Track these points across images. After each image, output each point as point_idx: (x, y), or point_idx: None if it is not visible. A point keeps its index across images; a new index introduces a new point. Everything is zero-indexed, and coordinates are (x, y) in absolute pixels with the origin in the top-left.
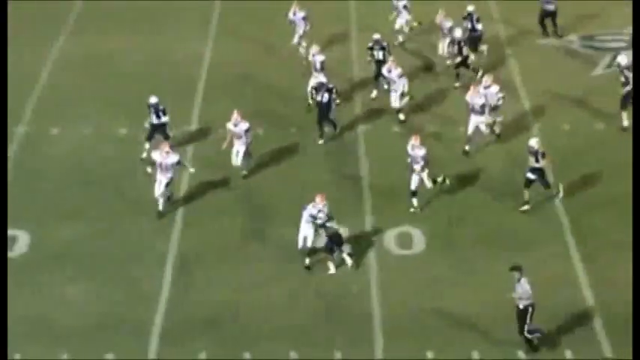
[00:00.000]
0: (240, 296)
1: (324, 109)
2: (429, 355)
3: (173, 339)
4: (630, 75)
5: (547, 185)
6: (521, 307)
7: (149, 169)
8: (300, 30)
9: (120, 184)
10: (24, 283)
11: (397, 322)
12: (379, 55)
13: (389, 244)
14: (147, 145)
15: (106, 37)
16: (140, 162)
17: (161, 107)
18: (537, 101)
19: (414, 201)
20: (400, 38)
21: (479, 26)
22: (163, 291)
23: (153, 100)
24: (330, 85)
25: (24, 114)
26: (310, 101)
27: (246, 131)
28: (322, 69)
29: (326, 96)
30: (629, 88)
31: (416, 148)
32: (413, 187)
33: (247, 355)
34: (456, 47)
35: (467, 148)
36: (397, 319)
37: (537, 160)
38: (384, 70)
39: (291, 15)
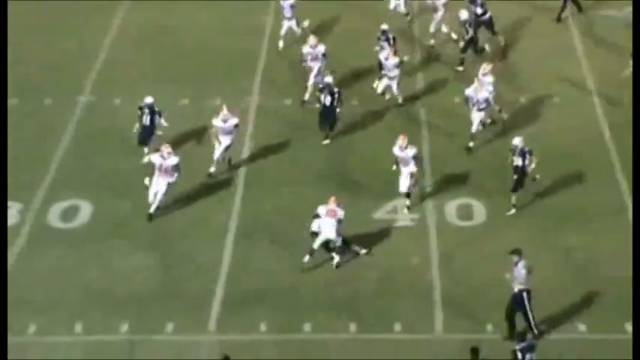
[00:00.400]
0: (299, 268)
1: (325, 111)
2: (489, 328)
3: (233, 310)
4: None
5: (521, 185)
6: (515, 290)
7: (146, 181)
8: (287, 13)
9: (181, 154)
10: (85, 253)
11: (457, 295)
12: (385, 45)
13: (450, 216)
14: (146, 151)
15: (167, 8)
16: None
17: (157, 109)
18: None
19: (407, 201)
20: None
21: (478, 10)
22: (223, 262)
23: (148, 100)
24: (335, 89)
25: (86, 84)
26: (317, 105)
27: (235, 126)
28: (324, 60)
29: (328, 98)
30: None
31: (405, 149)
32: (403, 188)
33: (307, 327)
34: (463, 30)
35: (471, 144)
36: (457, 292)
37: (524, 160)
38: (382, 57)
39: (281, 2)
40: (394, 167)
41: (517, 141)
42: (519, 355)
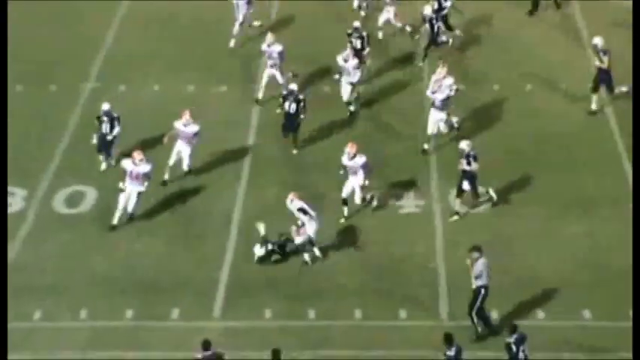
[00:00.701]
0: (304, 255)
1: (289, 119)
2: (494, 314)
3: (237, 296)
4: (605, 57)
5: (476, 193)
6: (473, 286)
7: (121, 185)
8: (243, 10)
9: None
10: (90, 239)
11: (462, 282)
12: (357, 43)
13: (454, 203)
14: (102, 160)
15: None
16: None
17: (115, 115)
18: None
19: (345, 210)
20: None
21: (447, 3)
22: (228, 249)
23: (106, 107)
24: (300, 96)
25: (92, 71)
26: (278, 109)
27: (195, 134)
28: (281, 59)
29: (293, 106)
30: (604, 66)
31: (353, 158)
32: (344, 194)
33: (311, 314)
34: (427, 25)
35: (426, 147)
36: (462, 279)
37: (469, 164)
38: (340, 59)
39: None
40: (341, 172)
41: (464, 145)
42: (513, 348)
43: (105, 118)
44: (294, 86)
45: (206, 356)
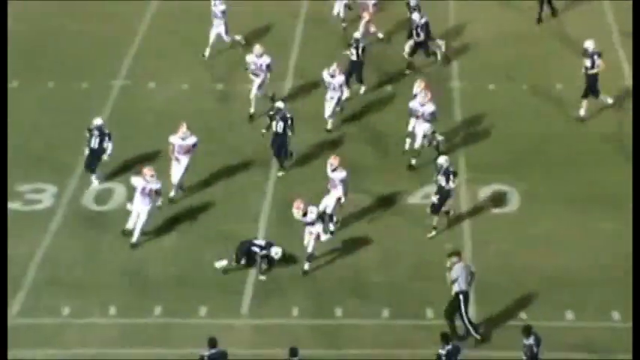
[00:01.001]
0: (333, 253)
1: (277, 139)
2: (523, 315)
3: (265, 294)
4: (599, 61)
5: (438, 211)
6: (452, 292)
7: (129, 206)
8: (221, 25)
9: (215, 138)
10: (119, 236)
11: (490, 282)
12: (353, 53)
13: (483, 203)
14: (93, 179)
15: None
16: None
17: (106, 131)
18: None
19: (330, 225)
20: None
21: (414, 15)
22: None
23: (98, 121)
24: (288, 115)
25: (122, 68)
26: (264, 130)
27: (194, 145)
28: (268, 71)
29: (281, 124)
30: (594, 71)
31: (334, 171)
32: (321, 207)
33: (339, 312)
34: (414, 32)
35: (413, 162)
36: (490, 279)
37: (448, 181)
38: (326, 74)
39: (212, 6)
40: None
41: (442, 160)
42: (535, 349)
43: (95, 132)
44: (281, 104)
45: (212, 354)
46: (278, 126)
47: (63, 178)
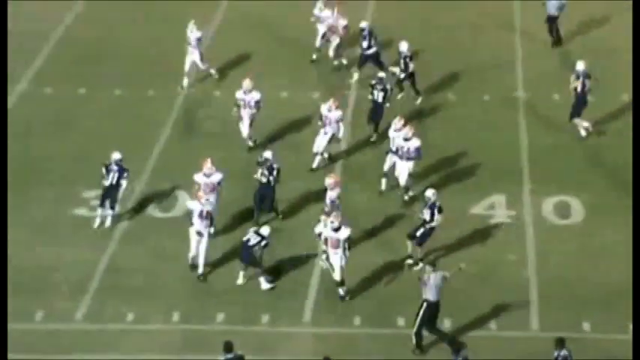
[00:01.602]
0: (393, 261)
1: (262, 189)
2: (585, 327)
3: (328, 303)
4: (588, 82)
5: (422, 244)
6: (424, 297)
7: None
8: (196, 52)
9: (276, 145)
10: (183, 242)
11: (553, 293)
12: (378, 96)
13: (547, 213)
14: (110, 212)
15: None
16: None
17: (125, 166)
18: None
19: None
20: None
21: (364, 43)
22: (318, 255)
23: (117, 156)
24: (275, 165)
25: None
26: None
27: (219, 183)
28: (257, 109)
29: (266, 174)
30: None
31: (331, 189)
32: (316, 229)
33: (401, 321)
34: (402, 62)
35: (406, 197)
36: (554, 290)
37: (433, 215)
38: (324, 109)
39: (188, 32)
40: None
41: (430, 193)
42: None
43: (114, 168)
44: (268, 154)
45: (228, 359)
46: (262, 176)
47: (127, 185)
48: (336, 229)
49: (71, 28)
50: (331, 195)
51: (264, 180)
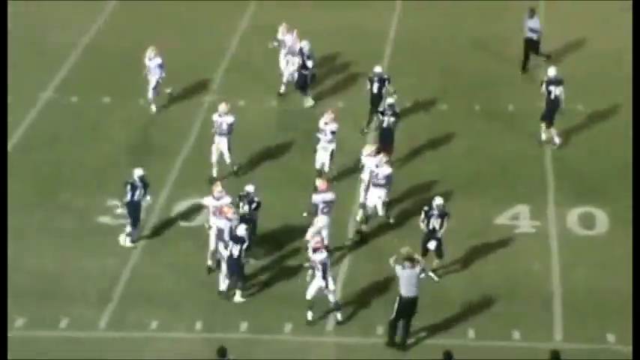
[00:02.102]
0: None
1: (242, 221)
2: (610, 338)
3: (351, 312)
4: (556, 89)
5: (441, 254)
6: (403, 295)
7: (208, 224)
8: (153, 79)
9: (295, 156)
10: (206, 251)
11: (578, 304)
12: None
13: (572, 224)
14: (127, 234)
15: (291, 10)
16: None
17: (147, 181)
18: None
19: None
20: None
21: (309, 63)
22: (343, 264)
23: (139, 172)
24: (256, 198)
25: (213, 84)
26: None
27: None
28: (229, 132)
29: (246, 208)
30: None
31: (327, 192)
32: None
33: (423, 332)
34: (375, 85)
35: (364, 228)
36: (578, 300)
37: (442, 225)
38: (321, 122)
39: (146, 60)
40: (305, 214)
41: (440, 201)
42: None
43: (139, 184)
44: (250, 188)
45: None
46: (244, 209)
47: (153, 193)
48: (314, 250)
49: (97, 38)
50: (324, 197)
51: (242, 212)
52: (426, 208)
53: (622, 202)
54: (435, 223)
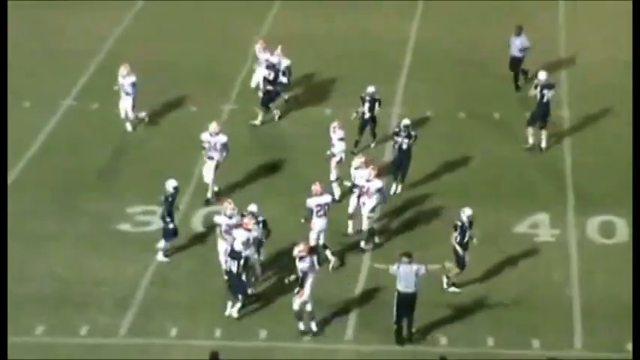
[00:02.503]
0: (431, 280)
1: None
2: (629, 347)
3: (372, 319)
4: (548, 93)
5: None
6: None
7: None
8: (129, 99)
9: (315, 162)
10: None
11: (598, 312)
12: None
13: (591, 233)
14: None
15: (310, 17)
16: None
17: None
18: None
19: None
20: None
21: (284, 79)
22: (362, 270)
23: (174, 183)
24: (261, 217)
25: (232, 92)
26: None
27: (250, 231)
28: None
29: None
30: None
31: (321, 195)
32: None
33: (443, 340)
34: (367, 105)
35: (363, 244)
36: (598, 309)
37: (472, 237)
38: (332, 129)
39: (120, 78)
40: (303, 220)
41: (470, 212)
42: None
43: (174, 193)
44: (254, 207)
45: None
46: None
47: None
48: (300, 259)
49: (117, 45)
50: (318, 201)
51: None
52: (458, 222)
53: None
54: (469, 234)
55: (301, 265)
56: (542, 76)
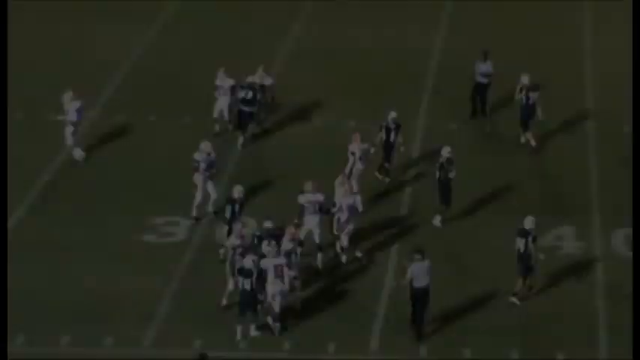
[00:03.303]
0: (463, 292)
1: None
2: None
3: (395, 331)
4: (533, 95)
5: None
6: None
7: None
8: (72, 118)
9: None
10: None
11: (623, 323)
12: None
13: (616, 246)
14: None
15: (335, 31)
16: None
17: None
18: None
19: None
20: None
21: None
22: (385, 284)
23: (239, 188)
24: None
25: None
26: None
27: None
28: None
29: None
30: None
31: (315, 194)
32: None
33: (467, 352)
34: (392, 132)
35: (359, 254)
36: (623, 320)
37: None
38: (350, 145)
39: (65, 104)
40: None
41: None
42: None
43: (238, 203)
44: (269, 224)
45: None
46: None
47: (198, 212)
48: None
49: (143, 57)
50: (308, 198)
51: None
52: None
53: None
54: (531, 246)
55: (285, 246)
56: (525, 79)
